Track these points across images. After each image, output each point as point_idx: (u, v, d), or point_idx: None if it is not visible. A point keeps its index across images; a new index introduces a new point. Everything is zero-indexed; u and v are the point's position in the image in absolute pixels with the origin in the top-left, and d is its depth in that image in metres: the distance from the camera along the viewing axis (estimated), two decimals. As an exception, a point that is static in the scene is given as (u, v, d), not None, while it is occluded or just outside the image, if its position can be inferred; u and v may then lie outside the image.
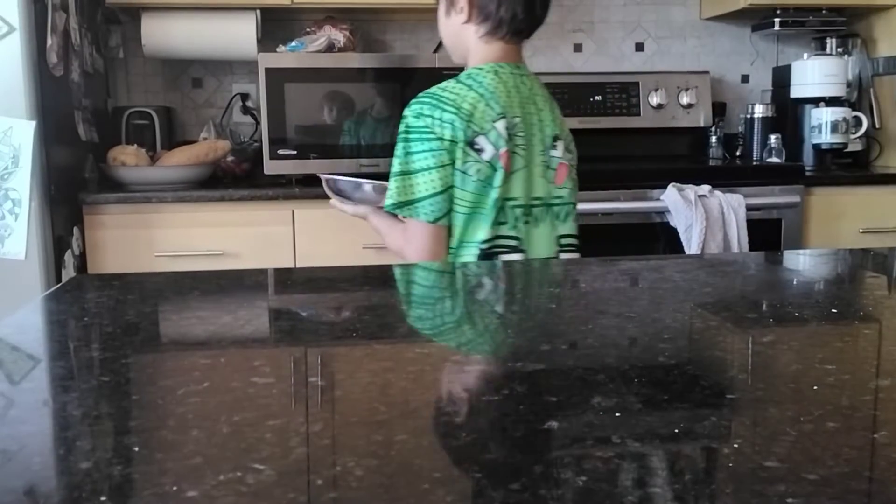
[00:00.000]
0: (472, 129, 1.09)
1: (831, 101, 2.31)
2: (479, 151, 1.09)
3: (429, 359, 0.56)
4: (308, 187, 2.01)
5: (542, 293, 0.79)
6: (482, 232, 1.11)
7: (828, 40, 2.47)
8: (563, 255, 1.18)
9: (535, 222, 1.15)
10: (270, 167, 2.07)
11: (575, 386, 0.50)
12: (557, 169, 1.17)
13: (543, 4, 1.18)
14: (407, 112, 1.12)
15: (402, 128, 1.12)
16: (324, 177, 1.25)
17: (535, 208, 1.15)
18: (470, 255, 1.13)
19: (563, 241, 1.18)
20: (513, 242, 1.13)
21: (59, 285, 0.82)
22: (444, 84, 1.13)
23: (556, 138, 1.18)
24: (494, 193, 1.10)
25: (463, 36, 1.18)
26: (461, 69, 1.24)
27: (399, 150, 1.11)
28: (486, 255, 1.12)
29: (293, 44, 2.20)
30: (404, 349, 0.59)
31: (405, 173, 1.10)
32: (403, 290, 0.84)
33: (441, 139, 1.08)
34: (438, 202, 1.09)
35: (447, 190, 1.09)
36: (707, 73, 2.52)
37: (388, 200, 1.12)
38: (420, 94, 1.13)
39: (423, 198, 1.09)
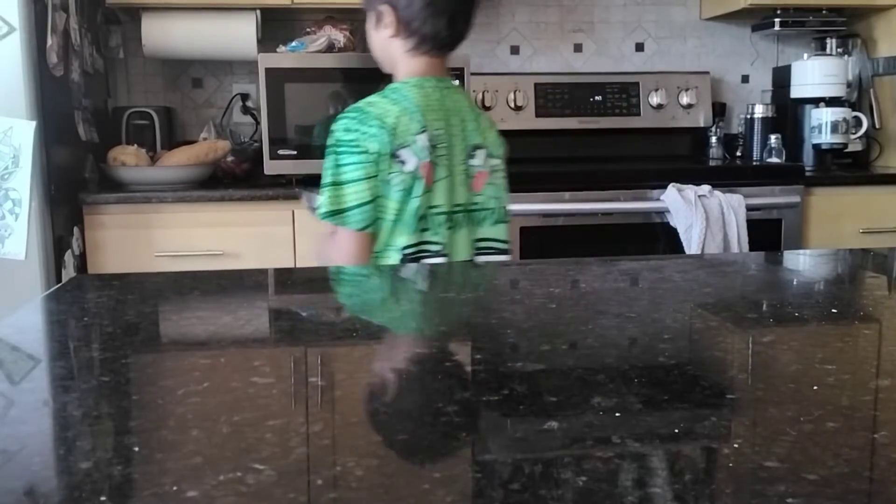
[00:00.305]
0: (396, 142, 1.16)
1: (831, 102, 2.31)
2: (402, 163, 1.16)
3: (429, 359, 0.56)
4: (308, 187, 2.00)
5: (541, 294, 0.79)
6: (405, 238, 1.18)
7: (828, 40, 2.47)
8: (483, 258, 1.26)
9: (456, 228, 1.23)
10: (270, 167, 2.07)
11: (575, 386, 0.50)
12: (476, 177, 1.24)
13: (465, 20, 1.25)
14: (335, 126, 1.20)
15: (331, 141, 1.19)
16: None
17: (456, 214, 1.23)
18: (393, 259, 1.19)
19: (482, 244, 1.26)
20: (435, 248, 1.21)
21: (59, 285, 0.83)
22: (369, 98, 1.21)
23: (476, 147, 1.25)
24: (415, 203, 1.18)
25: (390, 49, 1.26)
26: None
27: (329, 162, 1.19)
28: (410, 259, 1.19)
29: (293, 44, 2.20)
30: (404, 349, 0.59)
31: (336, 184, 1.17)
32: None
33: (367, 152, 1.15)
34: (366, 211, 1.16)
35: (374, 200, 1.17)
36: (707, 73, 2.52)
37: (321, 210, 1.18)
38: (347, 109, 1.21)
39: (352, 207, 1.16)
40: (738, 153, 2.52)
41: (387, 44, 1.26)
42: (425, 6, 1.20)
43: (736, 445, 0.38)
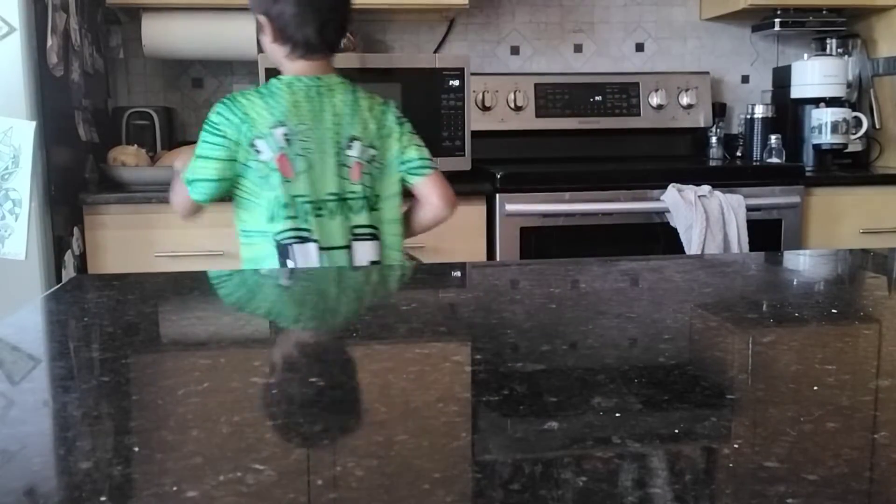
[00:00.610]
0: (253, 132, 1.30)
1: (831, 102, 2.31)
2: (258, 152, 1.31)
3: (429, 359, 0.56)
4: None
5: (540, 294, 0.79)
6: (279, 224, 1.31)
7: (828, 41, 2.47)
8: (357, 243, 1.36)
9: (329, 215, 1.34)
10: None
11: (575, 386, 0.50)
12: (352, 167, 1.34)
13: (335, 28, 1.37)
14: (213, 107, 1.35)
15: (207, 119, 1.35)
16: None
17: (329, 203, 1.34)
18: (266, 243, 1.33)
19: (357, 230, 1.36)
20: (304, 234, 1.33)
21: (59, 285, 0.82)
22: (244, 91, 1.36)
23: (352, 139, 1.35)
24: (275, 192, 1.31)
25: (273, 52, 1.39)
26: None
27: (200, 135, 1.35)
28: (281, 244, 1.32)
29: (293, 44, 2.19)
30: (404, 349, 0.59)
31: (195, 156, 1.34)
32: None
33: (225, 137, 1.31)
34: (209, 187, 1.32)
35: (220, 181, 1.32)
36: (707, 73, 2.52)
37: (183, 172, 1.37)
38: (226, 96, 1.36)
39: (198, 180, 1.32)
40: (739, 153, 2.52)
41: (270, 48, 1.39)
42: (295, 16, 1.33)
43: (736, 446, 0.38)
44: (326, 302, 0.80)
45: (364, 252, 1.36)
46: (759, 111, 2.45)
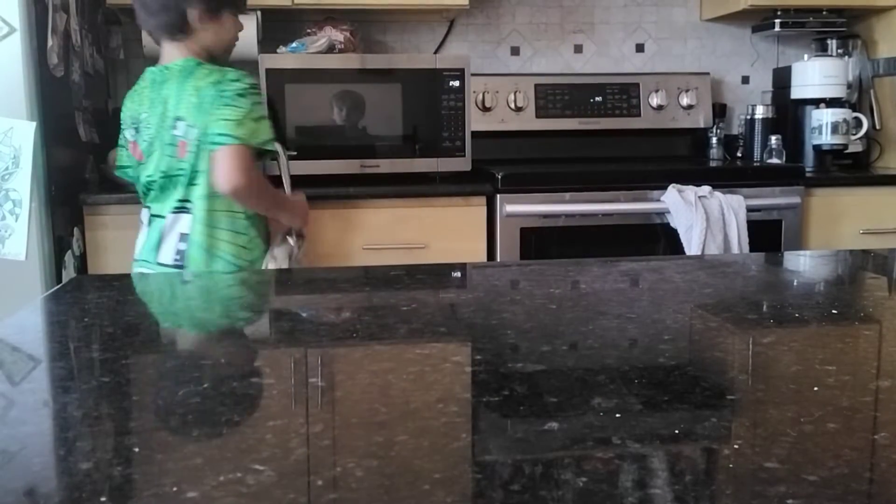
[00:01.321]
0: (122, 124, 1.53)
1: (832, 103, 2.31)
2: (125, 139, 1.53)
3: (429, 360, 0.56)
4: (308, 188, 2.00)
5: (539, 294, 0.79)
6: (145, 202, 1.52)
7: (828, 41, 2.47)
8: (172, 215, 1.47)
9: (165, 192, 1.48)
10: (271, 168, 2.07)
11: (575, 387, 0.50)
12: (178, 146, 1.45)
13: (156, 10, 1.46)
14: None
15: None
16: None
17: (164, 180, 1.47)
18: (145, 222, 1.53)
19: (178, 204, 1.47)
20: (154, 210, 1.49)
21: (59, 286, 0.83)
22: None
23: (177, 119, 1.45)
24: (133, 173, 1.52)
25: None
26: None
27: None
28: (148, 220, 1.51)
29: (294, 45, 2.20)
30: (404, 350, 0.59)
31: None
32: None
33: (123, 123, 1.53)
34: (121, 171, 1.57)
35: (122, 167, 1.56)
36: (707, 74, 2.52)
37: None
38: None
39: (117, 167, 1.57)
40: (739, 154, 2.52)
41: None
42: (138, 10, 1.49)
43: (736, 446, 0.38)
44: (326, 303, 0.80)
45: (178, 225, 1.45)
46: (760, 112, 2.45)
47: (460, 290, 0.83)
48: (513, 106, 2.34)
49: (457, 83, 2.01)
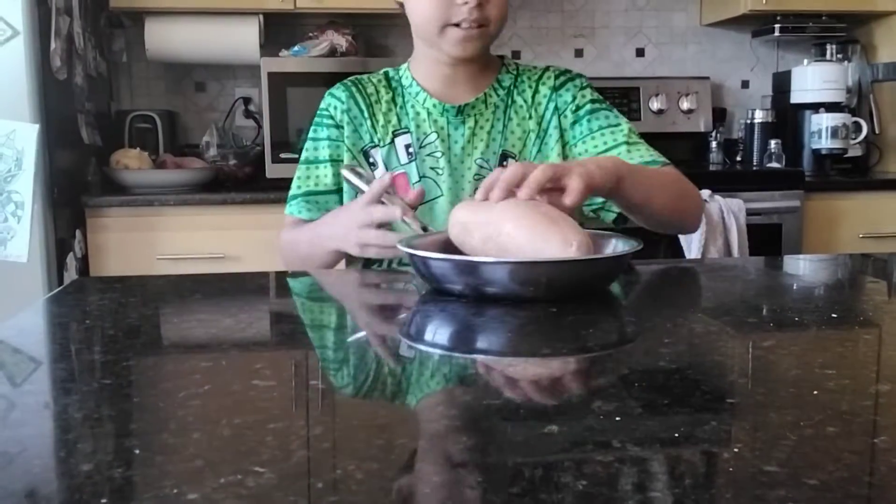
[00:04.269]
0: None
1: (831, 107, 2.32)
2: None
3: (429, 362, 0.56)
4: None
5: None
6: None
7: (828, 46, 2.48)
8: None
9: None
10: (272, 171, 2.08)
11: (575, 389, 0.50)
12: None
13: None
14: (587, 82, 1.15)
15: None
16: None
17: None
18: None
19: None
20: None
21: (60, 288, 0.83)
22: None
23: None
24: None
25: None
26: None
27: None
28: None
29: (296, 48, 2.21)
30: (405, 352, 0.59)
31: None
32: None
33: None
34: None
35: None
36: (707, 78, 2.53)
37: None
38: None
39: None
40: (739, 158, 2.53)
41: None
42: None
43: (736, 450, 0.38)
44: (327, 304, 0.80)
45: None
46: (759, 116, 2.46)
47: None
48: (513, 110, 2.34)
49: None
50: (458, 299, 0.69)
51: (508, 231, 0.69)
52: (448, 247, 0.74)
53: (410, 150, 1.05)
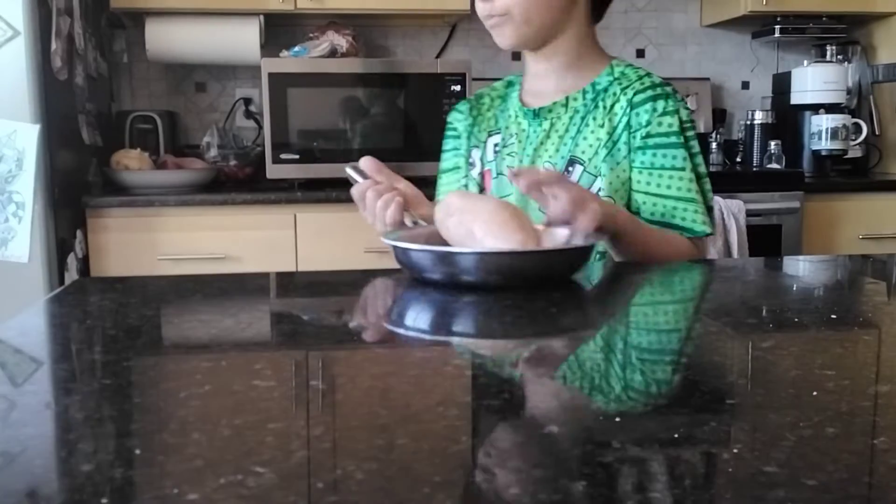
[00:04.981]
0: None
1: (831, 108, 2.32)
2: None
3: (429, 363, 0.56)
4: (310, 191, 2.01)
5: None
6: None
7: (828, 47, 2.48)
8: None
9: None
10: (273, 171, 2.08)
11: (575, 390, 0.50)
12: None
13: None
14: (677, 105, 1.05)
15: (685, 124, 1.06)
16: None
17: None
18: None
19: None
20: None
21: (61, 288, 0.83)
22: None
23: None
24: None
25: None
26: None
27: (695, 147, 1.08)
28: None
29: (296, 49, 2.21)
30: (405, 353, 0.59)
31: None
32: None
33: None
34: None
35: None
36: (707, 79, 2.53)
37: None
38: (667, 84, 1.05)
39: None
40: (739, 159, 2.53)
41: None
42: None
43: (735, 450, 0.38)
44: (327, 305, 0.80)
45: None
46: (759, 117, 2.46)
47: (462, 292, 0.83)
48: (514, 110, 2.34)
49: (458, 87, 2.01)
50: (436, 287, 0.69)
51: (479, 226, 0.78)
52: (431, 240, 0.82)
53: (496, 148, 1.10)
